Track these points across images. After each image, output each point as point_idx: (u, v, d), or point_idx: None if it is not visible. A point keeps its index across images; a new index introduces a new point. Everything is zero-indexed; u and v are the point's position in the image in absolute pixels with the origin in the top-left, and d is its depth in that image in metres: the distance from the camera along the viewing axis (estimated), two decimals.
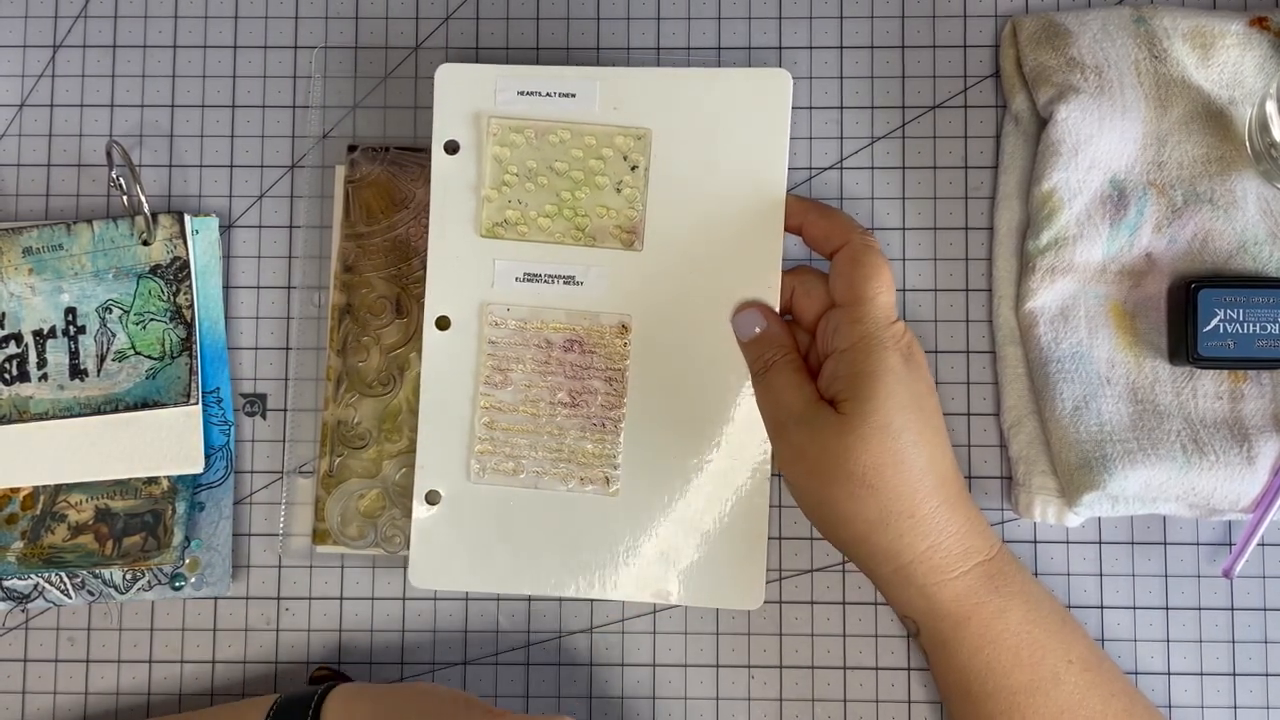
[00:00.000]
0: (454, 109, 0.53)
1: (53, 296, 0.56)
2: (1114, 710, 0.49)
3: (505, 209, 0.53)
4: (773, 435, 0.51)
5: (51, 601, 0.55)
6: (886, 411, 0.48)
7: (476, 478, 0.54)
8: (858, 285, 0.49)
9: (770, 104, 0.52)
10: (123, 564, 0.54)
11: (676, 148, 0.53)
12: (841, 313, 0.50)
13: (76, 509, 0.55)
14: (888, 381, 0.48)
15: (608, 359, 0.53)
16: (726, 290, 0.53)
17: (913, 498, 0.48)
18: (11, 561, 0.55)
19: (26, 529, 0.55)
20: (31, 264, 0.55)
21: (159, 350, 0.55)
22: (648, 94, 0.53)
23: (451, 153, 0.53)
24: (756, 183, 0.52)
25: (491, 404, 0.54)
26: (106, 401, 0.55)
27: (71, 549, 0.55)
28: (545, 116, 0.53)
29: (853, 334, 0.49)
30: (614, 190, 0.53)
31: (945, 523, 0.49)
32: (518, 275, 0.53)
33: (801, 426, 0.49)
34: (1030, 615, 0.49)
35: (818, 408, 0.49)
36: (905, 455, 0.48)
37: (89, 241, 0.56)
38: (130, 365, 0.55)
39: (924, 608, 0.49)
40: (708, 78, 0.53)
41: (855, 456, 0.47)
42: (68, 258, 0.56)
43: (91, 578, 0.55)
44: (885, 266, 0.50)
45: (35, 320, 0.56)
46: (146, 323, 0.55)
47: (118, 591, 0.55)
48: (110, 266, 0.56)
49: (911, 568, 0.48)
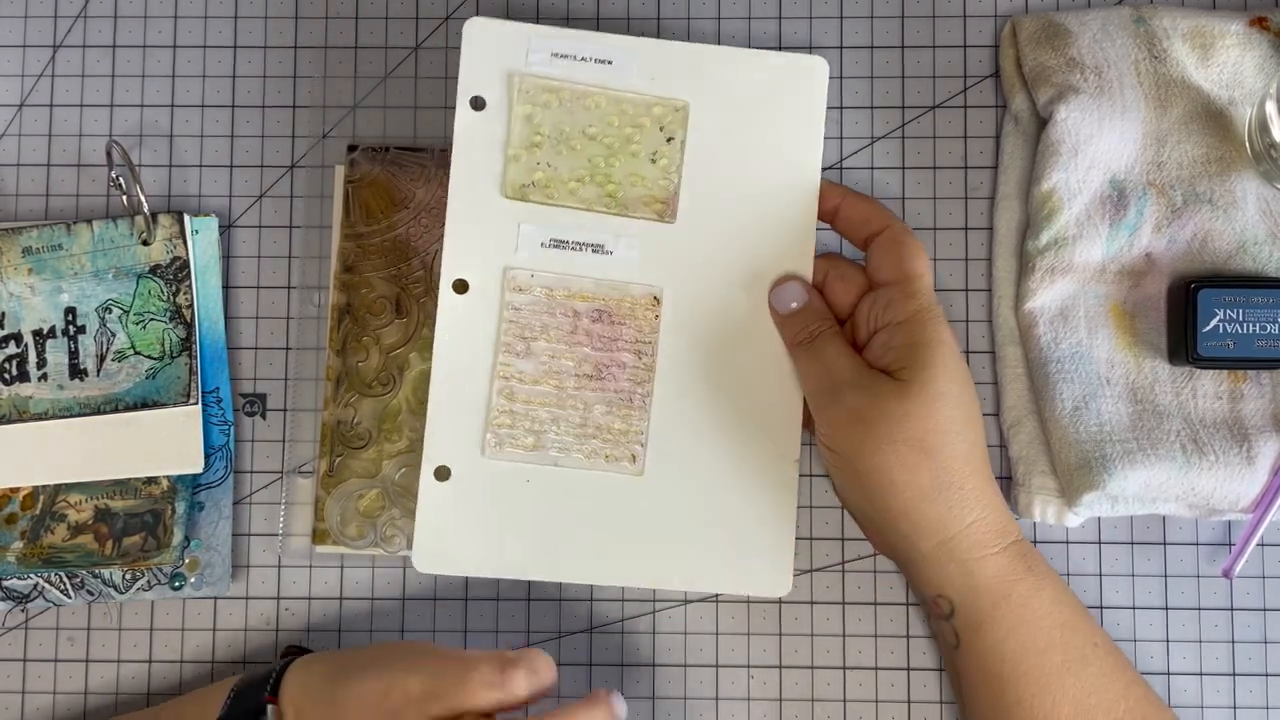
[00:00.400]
0: (482, 65, 0.51)
1: (52, 296, 0.56)
2: (1135, 695, 0.49)
3: (534, 170, 0.52)
4: (823, 403, 0.50)
5: (51, 601, 0.55)
6: (946, 380, 0.48)
7: (493, 452, 0.51)
8: (906, 263, 0.50)
9: (807, 90, 0.52)
10: (122, 564, 0.54)
11: (713, 123, 0.52)
12: (893, 289, 0.50)
13: (76, 509, 0.55)
14: (944, 353, 0.48)
15: (637, 331, 0.52)
16: (760, 268, 0.52)
17: (965, 469, 0.48)
18: (11, 561, 0.55)
19: (26, 529, 0.55)
20: (31, 264, 0.55)
21: (159, 350, 0.55)
22: (686, 68, 0.52)
23: (478, 109, 0.51)
24: (791, 166, 0.52)
25: (511, 374, 0.51)
26: (106, 401, 0.55)
27: (71, 549, 0.55)
28: (581, 80, 0.52)
29: (908, 307, 0.49)
30: (649, 160, 0.52)
31: (990, 497, 0.49)
32: (544, 240, 0.52)
33: (858, 390, 0.48)
34: (1060, 596, 0.49)
35: (873, 374, 0.49)
36: (961, 425, 0.48)
37: (89, 241, 0.56)
38: (130, 365, 0.55)
39: (964, 585, 0.49)
40: (746, 58, 0.52)
41: (916, 421, 0.47)
42: (67, 258, 0.56)
43: (91, 577, 0.55)
44: (924, 250, 0.50)
45: (35, 320, 0.56)
46: (146, 323, 0.55)
47: (117, 591, 0.55)
48: (110, 266, 0.56)
49: (955, 541, 0.48)
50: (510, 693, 0.45)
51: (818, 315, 0.51)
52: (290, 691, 0.48)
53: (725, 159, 0.52)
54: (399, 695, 0.45)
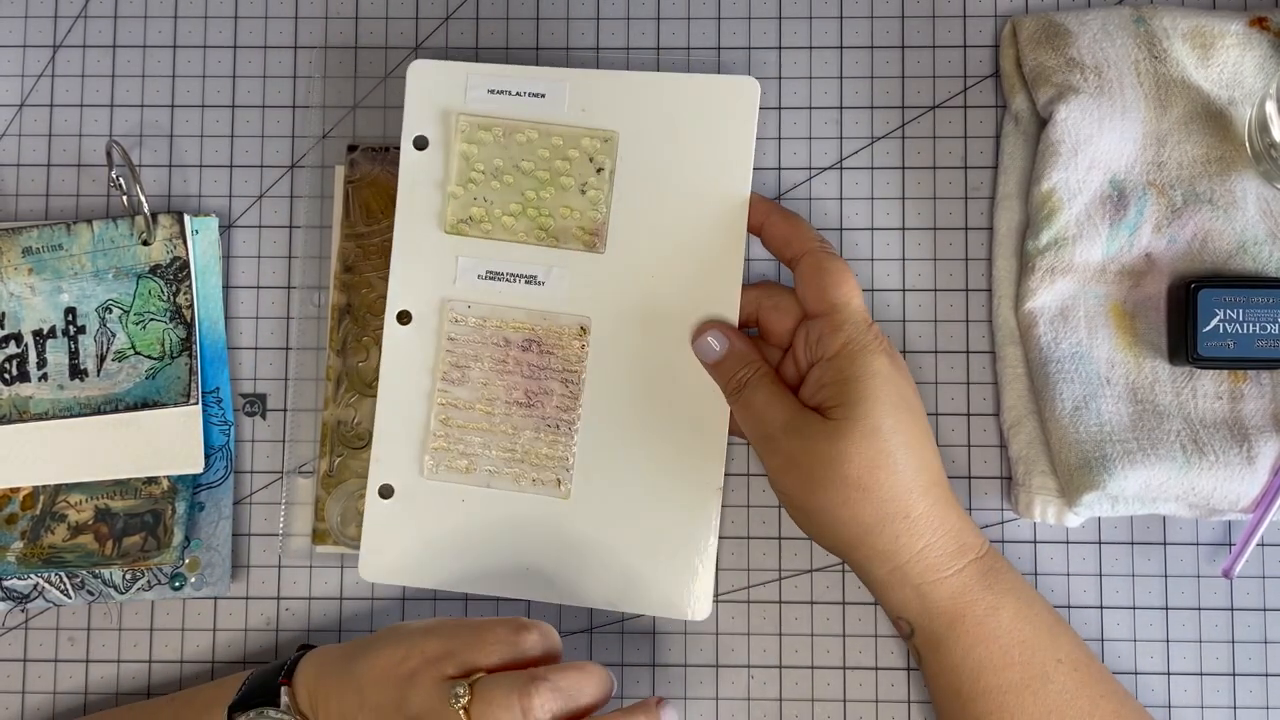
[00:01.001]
0: (424, 105, 0.54)
1: (52, 296, 0.56)
2: (1103, 711, 0.49)
3: (470, 206, 0.54)
4: (761, 449, 0.51)
5: (51, 601, 0.55)
6: (877, 415, 0.48)
7: (430, 474, 0.54)
8: (830, 292, 0.50)
9: (737, 111, 0.53)
10: (123, 564, 0.54)
11: (643, 151, 0.53)
12: (821, 322, 0.50)
13: (76, 509, 0.55)
14: (875, 385, 0.48)
15: (565, 361, 0.54)
16: (687, 296, 0.53)
17: (907, 498, 0.48)
18: (11, 561, 0.55)
19: (26, 529, 0.55)
20: (31, 264, 0.55)
21: (159, 350, 0.55)
22: (616, 97, 0.53)
23: (420, 148, 0.54)
24: (721, 189, 0.53)
25: (448, 400, 0.54)
26: (106, 401, 0.55)
27: (71, 549, 0.55)
28: (514, 115, 0.53)
29: (835, 341, 0.49)
30: (579, 191, 0.53)
31: (940, 521, 0.49)
32: (480, 273, 0.54)
33: (791, 435, 0.49)
34: (1021, 613, 0.49)
35: (805, 416, 0.49)
36: (897, 456, 0.48)
37: (89, 241, 0.55)
38: (130, 365, 0.55)
39: (919, 607, 0.49)
40: (675, 82, 0.53)
41: (848, 461, 0.48)
42: (67, 258, 0.55)
43: (91, 578, 0.55)
44: (850, 271, 0.50)
45: (35, 320, 0.56)
46: (146, 323, 0.55)
47: (117, 591, 0.55)
48: (110, 266, 0.56)
49: (907, 567, 0.49)
50: (522, 650, 0.47)
51: (742, 360, 0.51)
52: (304, 675, 0.48)
53: (655, 187, 0.53)
54: (416, 658, 0.46)
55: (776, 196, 0.57)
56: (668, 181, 0.53)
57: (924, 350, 0.56)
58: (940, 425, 0.56)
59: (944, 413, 0.56)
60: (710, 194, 0.53)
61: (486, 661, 0.46)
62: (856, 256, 0.57)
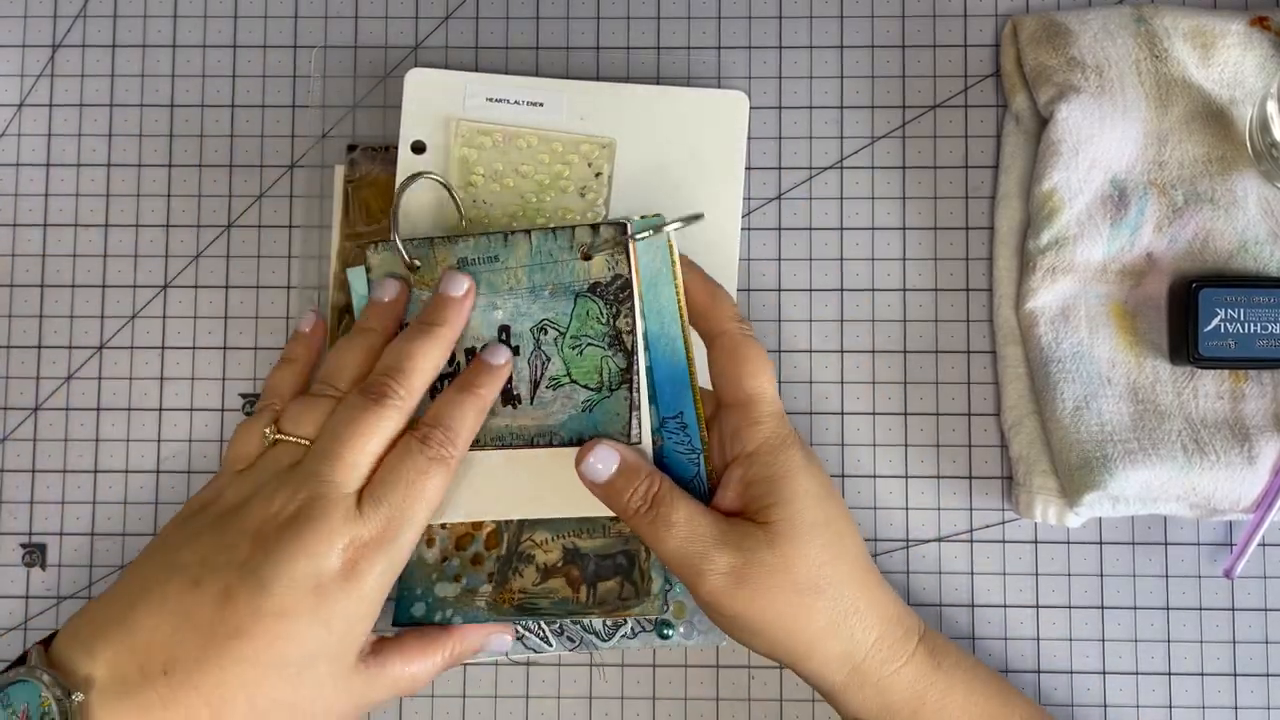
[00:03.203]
0: (422, 112, 0.54)
1: (487, 313, 0.51)
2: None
3: (470, 208, 0.54)
4: (695, 570, 0.46)
5: (530, 648, 0.52)
6: (811, 510, 0.46)
7: None
8: (746, 382, 0.48)
9: (726, 125, 0.54)
10: (600, 612, 0.50)
11: (639, 161, 0.54)
12: (737, 414, 0.48)
13: (543, 549, 0.51)
14: (802, 480, 0.46)
15: None
16: None
17: (858, 590, 0.47)
18: (481, 607, 0.50)
19: (493, 570, 0.51)
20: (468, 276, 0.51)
21: (596, 380, 0.50)
22: (613, 108, 0.54)
23: (418, 152, 0.54)
24: (714, 199, 0.53)
25: None
26: (540, 434, 0.50)
27: (544, 593, 0.51)
28: (514, 122, 0.54)
29: (755, 437, 0.47)
30: (578, 194, 0.54)
31: (883, 607, 0.47)
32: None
33: (728, 549, 0.46)
34: (973, 686, 0.48)
35: (735, 525, 0.46)
36: (839, 547, 0.46)
37: (525, 254, 0.50)
38: (565, 394, 0.50)
39: (879, 705, 0.47)
40: (668, 96, 0.54)
41: (798, 565, 0.45)
42: (503, 270, 0.51)
43: (570, 624, 0.52)
44: (765, 357, 0.48)
45: (469, 338, 0.51)
46: (584, 348, 0.50)
47: (599, 639, 0.52)
48: (547, 282, 0.50)
49: (865, 665, 0.47)
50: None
51: (640, 471, 0.47)
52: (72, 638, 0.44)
53: (650, 196, 0.54)
54: (195, 566, 0.44)
55: (776, 196, 0.57)
56: (663, 191, 0.54)
57: (924, 350, 0.56)
58: (940, 425, 0.56)
59: (944, 413, 0.56)
60: (703, 203, 0.53)
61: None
62: (856, 256, 0.57)
